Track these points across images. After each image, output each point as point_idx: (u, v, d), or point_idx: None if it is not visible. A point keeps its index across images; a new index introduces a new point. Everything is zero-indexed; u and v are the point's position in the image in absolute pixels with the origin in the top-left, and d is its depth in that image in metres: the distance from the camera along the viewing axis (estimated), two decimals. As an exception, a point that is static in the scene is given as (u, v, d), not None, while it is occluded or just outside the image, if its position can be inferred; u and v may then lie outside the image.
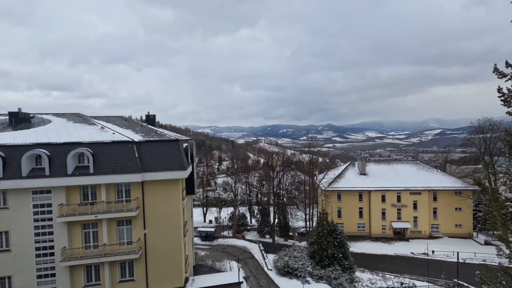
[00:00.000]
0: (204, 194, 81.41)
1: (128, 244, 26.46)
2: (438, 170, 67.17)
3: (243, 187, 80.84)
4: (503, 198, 16.51)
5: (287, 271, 39.44)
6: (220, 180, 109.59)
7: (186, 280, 30.05)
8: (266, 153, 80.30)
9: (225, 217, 73.77)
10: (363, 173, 64.76)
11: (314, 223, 57.99)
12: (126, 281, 26.88)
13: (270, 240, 57.43)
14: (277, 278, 39.01)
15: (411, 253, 50.77)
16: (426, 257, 46.88)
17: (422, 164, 68.81)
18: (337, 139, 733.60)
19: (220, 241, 59.44)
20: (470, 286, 35.49)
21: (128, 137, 27.18)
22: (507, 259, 16.28)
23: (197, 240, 57.05)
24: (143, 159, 26.44)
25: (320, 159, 66.79)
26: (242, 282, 31.62)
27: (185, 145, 31.48)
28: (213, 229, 61.71)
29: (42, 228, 24.58)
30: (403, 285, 37.96)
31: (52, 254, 24.80)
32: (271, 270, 41.79)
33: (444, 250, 50.17)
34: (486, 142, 58.19)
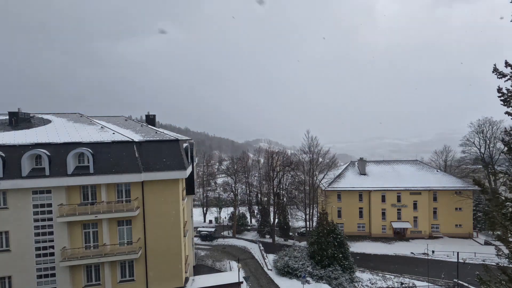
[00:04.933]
0: (204, 194, 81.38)
1: (128, 244, 26.52)
2: (438, 170, 67.13)
3: (243, 187, 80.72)
4: (503, 198, 16.50)
5: (287, 271, 39.46)
6: (220, 180, 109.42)
7: (186, 280, 30.08)
8: (266, 153, 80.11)
9: (225, 217, 73.74)
10: (363, 173, 64.78)
11: (314, 223, 58.04)
12: (126, 281, 26.92)
13: (270, 240, 57.44)
14: (277, 278, 39.03)
15: (411, 253, 50.76)
16: (426, 257, 46.86)
17: (422, 164, 68.72)
18: (337, 138, 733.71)
19: (220, 241, 59.46)
20: (470, 286, 35.48)
21: (128, 137, 27.22)
22: (507, 259, 16.31)
23: (197, 240, 57.04)
24: (143, 159, 26.49)
25: (320, 159, 66.62)
26: (242, 282, 31.65)
27: (185, 145, 31.51)
28: (213, 229, 61.69)
29: (42, 228, 24.64)
30: (403, 285, 38.00)
31: (52, 254, 24.85)
32: (271, 270, 41.79)
33: (444, 250, 50.19)
34: (486, 142, 58.27)
